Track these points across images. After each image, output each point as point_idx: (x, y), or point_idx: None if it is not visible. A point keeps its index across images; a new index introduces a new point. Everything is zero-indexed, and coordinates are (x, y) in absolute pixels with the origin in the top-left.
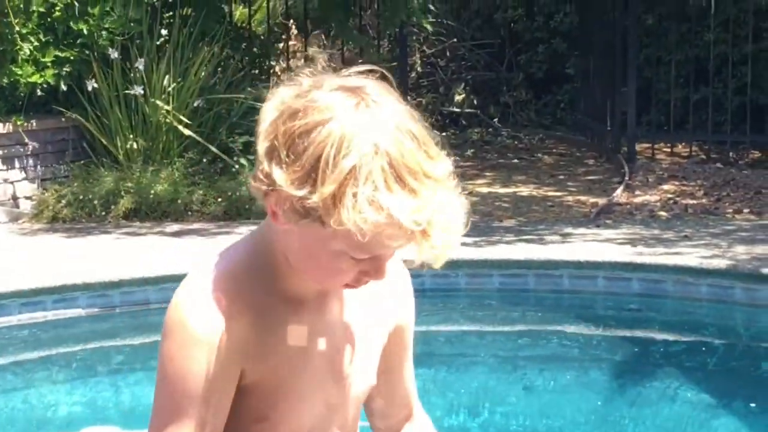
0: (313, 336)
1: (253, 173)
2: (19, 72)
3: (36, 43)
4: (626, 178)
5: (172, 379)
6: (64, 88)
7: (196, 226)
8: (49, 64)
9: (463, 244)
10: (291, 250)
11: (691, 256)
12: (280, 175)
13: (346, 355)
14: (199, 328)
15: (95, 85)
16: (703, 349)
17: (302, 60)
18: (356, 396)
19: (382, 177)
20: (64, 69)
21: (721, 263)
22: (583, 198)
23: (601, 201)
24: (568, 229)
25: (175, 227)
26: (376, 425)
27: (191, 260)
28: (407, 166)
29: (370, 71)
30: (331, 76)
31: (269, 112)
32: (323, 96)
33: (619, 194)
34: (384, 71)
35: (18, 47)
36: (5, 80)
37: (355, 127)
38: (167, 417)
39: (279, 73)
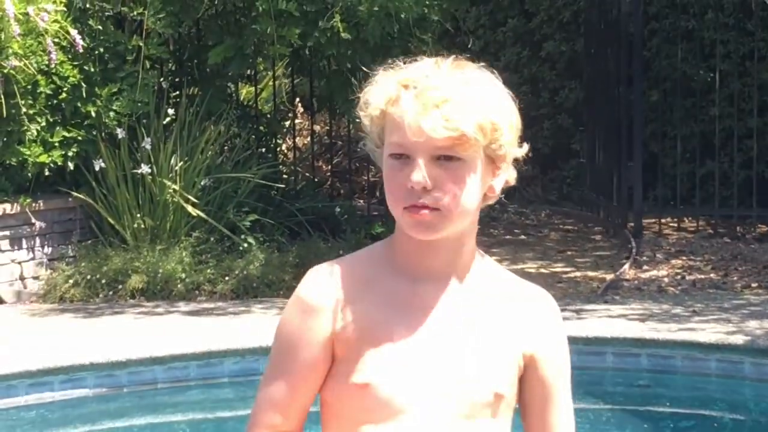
0: (421, 309)
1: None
2: (27, 152)
3: (43, 124)
4: (633, 253)
5: (277, 337)
6: (71, 167)
7: (207, 305)
8: (56, 145)
9: None
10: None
11: (700, 331)
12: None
13: (458, 341)
14: (305, 296)
15: (102, 165)
16: (714, 425)
17: (308, 137)
18: (470, 393)
19: (396, 68)
20: (72, 149)
21: (731, 338)
22: (590, 274)
23: (609, 276)
24: (577, 305)
25: (188, 306)
26: None
27: (203, 338)
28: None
29: None
30: None
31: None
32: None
33: (627, 270)
34: None
35: (25, 128)
36: (13, 160)
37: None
38: (271, 370)
39: (285, 152)
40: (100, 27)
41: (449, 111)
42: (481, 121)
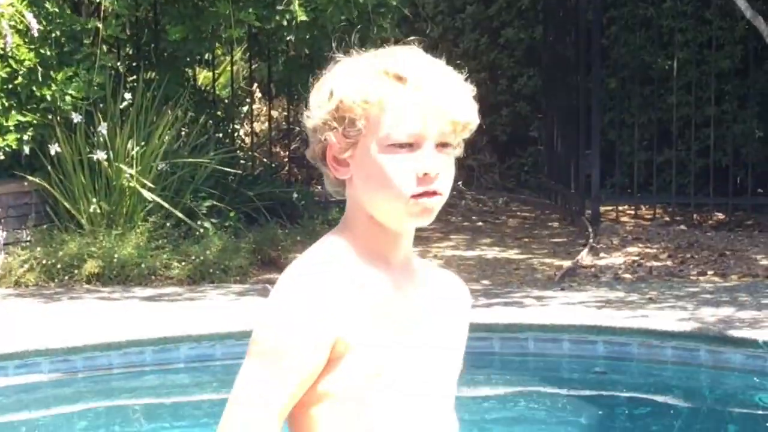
0: (410, 301)
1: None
2: None
3: None
4: (591, 240)
5: (261, 339)
6: (26, 152)
7: (164, 290)
8: (11, 128)
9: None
10: (365, 194)
11: (656, 318)
12: (311, 115)
13: (441, 331)
14: (306, 302)
15: (58, 150)
16: (670, 411)
17: (266, 123)
18: (453, 379)
19: (365, 55)
20: (27, 133)
21: (686, 326)
22: (548, 261)
23: (566, 264)
24: (534, 292)
25: (145, 292)
26: None
27: (159, 324)
28: (390, 49)
29: None
30: None
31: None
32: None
33: (584, 257)
34: None
35: None
36: None
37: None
38: (265, 380)
39: (243, 137)
40: (56, 10)
41: (464, 96)
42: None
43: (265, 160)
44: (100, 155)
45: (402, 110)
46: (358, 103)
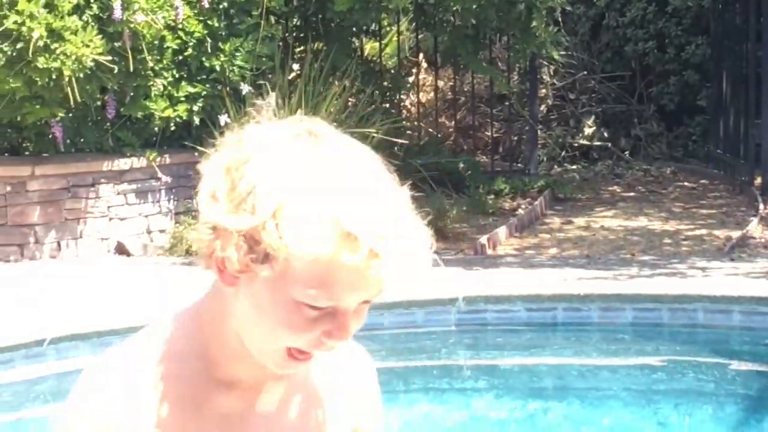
0: (243, 424)
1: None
2: (153, 107)
3: (169, 79)
4: (761, 211)
5: None
6: (196, 122)
7: None
8: (182, 99)
9: (596, 277)
10: (240, 317)
11: None
12: (217, 210)
13: None
14: (88, 416)
15: (227, 120)
16: None
17: (431, 93)
18: None
19: (335, 179)
20: (197, 104)
21: None
22: (716, 232)
23: (735, 234)
24: (702, 263)
25: None
26: None
27: None
28: (363, 172)
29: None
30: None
31: (205, 170)
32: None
33: (754, 228)
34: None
35: (151, 83)
36: (140, 115)
37: (296, 145)
38: None
39: (409, 107)
40: None
41: (422, 263)
42: None
43: (431, 130)
44: None
45: (338, 279)
46: (297, 257)
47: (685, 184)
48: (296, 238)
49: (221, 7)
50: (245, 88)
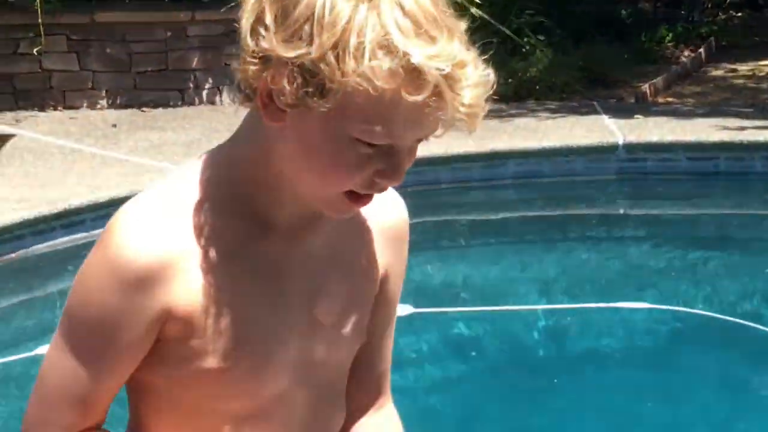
0: (286, 268)
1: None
2: None
3: None
4: None
5: (74, 311)
6: None
7: (491, 106)
8: None
9: (759, 126)
10: (288, 160)
11: None
12: (268, 38)
13: (329, 298)
14: (129, 261)
15: None
16: None
17: None
18: (343, 354)
19: (393, 19)
20: None
21: None
22: None
23: None
24: None
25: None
26: None
27: (485, 140)
28: (421, 12)
29: None
30: None
31: None
32: None
33: None
34: None
35: None
36: None
37: None
38: (68, 354)
39: None
40: None
41: (480, 106)
42: None
43: None
44: None
45: (406, 117)
46: (359, 91)
47: None
48: (359, 71)
49: None
50: None
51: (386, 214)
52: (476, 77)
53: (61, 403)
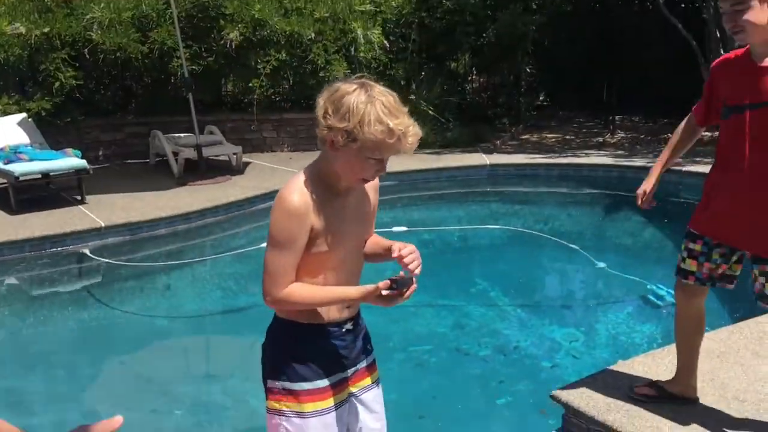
0: (347, 205)
1: (318, 130)
2: None
3: None
4: None
5: (275, 233)
6: None
7: None
8: None
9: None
10: (339, 165)
11: None
12: (330, 119)
13: (363, 214)
14: (293, 206)
15: None
16: None
17: None
18: (365, 237)
19: (381, 109)
20: None
21: None
22: None
23: None
24: None
25: None
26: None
27: None
28: (392, 106)
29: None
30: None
31: (322, 96)
32: (344, 85)
33: None
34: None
35: None
36: None
37: (363, 94)
38: (278, 252)
39: None
40: None
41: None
42: None
43: None
44: None
45: (387, 148)
46: (369, 139)
47: None
48: (369, 131)
49: None
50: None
51: (373, 182)
52: (415, 132)
53: (282, 272)
